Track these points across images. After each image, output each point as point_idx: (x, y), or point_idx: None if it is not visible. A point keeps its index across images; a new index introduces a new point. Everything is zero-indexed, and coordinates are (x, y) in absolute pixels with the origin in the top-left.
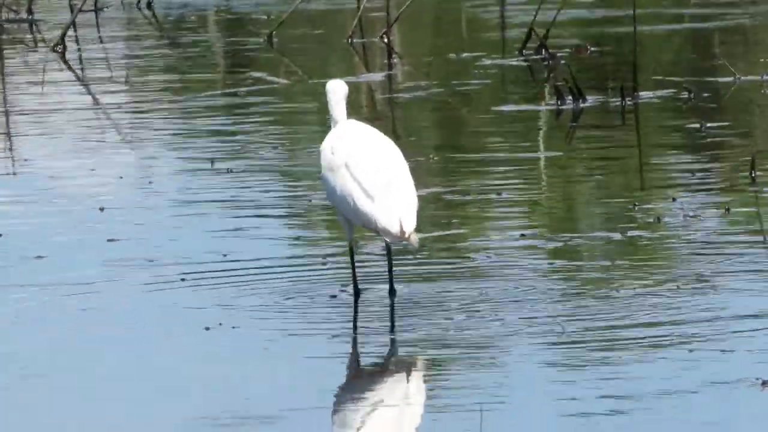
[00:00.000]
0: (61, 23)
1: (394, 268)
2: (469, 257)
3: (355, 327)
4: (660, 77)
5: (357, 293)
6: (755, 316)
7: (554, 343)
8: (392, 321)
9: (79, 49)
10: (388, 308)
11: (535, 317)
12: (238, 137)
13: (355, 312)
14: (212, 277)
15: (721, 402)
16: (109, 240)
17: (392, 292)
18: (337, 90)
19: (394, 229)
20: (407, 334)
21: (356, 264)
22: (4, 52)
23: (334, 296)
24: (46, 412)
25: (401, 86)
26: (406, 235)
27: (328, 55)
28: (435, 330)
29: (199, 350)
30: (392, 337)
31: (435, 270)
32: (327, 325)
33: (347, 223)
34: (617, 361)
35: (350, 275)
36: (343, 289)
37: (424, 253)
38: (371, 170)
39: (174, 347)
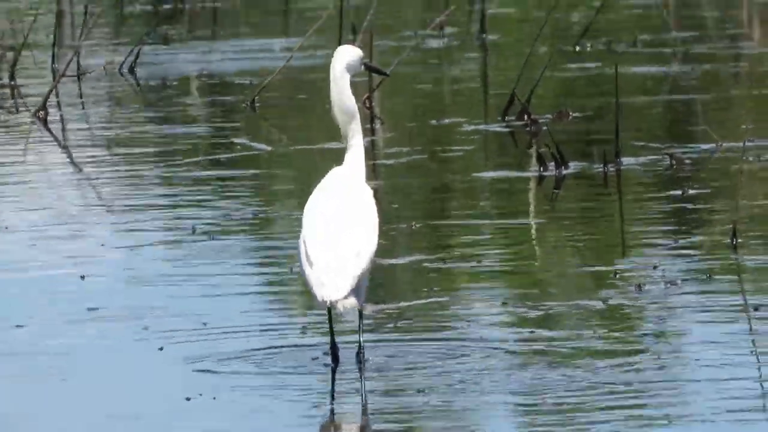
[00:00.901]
0: (44, 88)
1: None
2: (449, 326)
3: (332, 396)
4: (642, 143)
5: (335, 356)
6: (735, 387)
7: (535, 413)
8: (363, 393)
9: (61, 115)
10: (361, 375)
11: (516, 386)
12: (219, 203)
13: (333, 380)
14: (192, 346)
15: None
16: (89, 309)
17: (359, 354)
18: (338, 58)
19: (318, 295)
20: (383, 403)
21: (336, 325)
22: None
23: (315, 358)
24: None
25: (383, 152)
26: (328, 303)
27: (311, 120)
28: (413, 399)
29: (180, 421)
30: (366, 406)
31: (415, 337)
32: (305, 395)
33: None
34: (599, 430)
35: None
36: (327, 353)
37: (406, 321)
38: (318, 233)
39: (154, 418)
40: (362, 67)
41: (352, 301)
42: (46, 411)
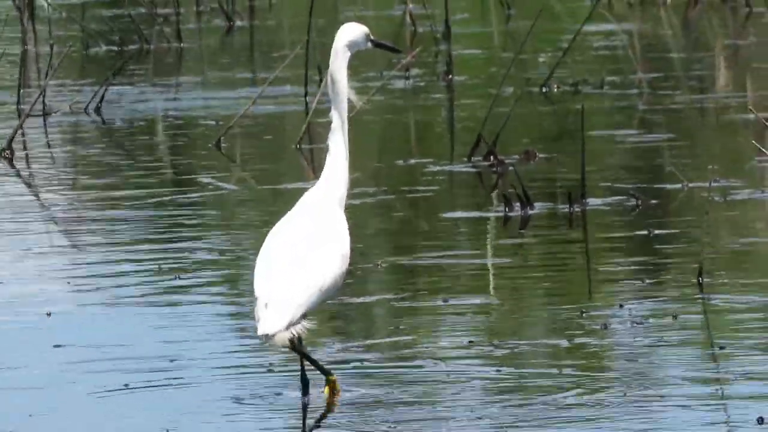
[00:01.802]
0: (9, 128)
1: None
2: (416, 364)
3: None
4: (608, 184)
5: (305, 385)
6: (702, 425)
7: None
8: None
9: (26, 154)
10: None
11: (483, 422)
12: (185, 244)
13: (304, 417)
14: (159, 384)
15: None
16: (55, 346)
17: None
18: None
19: (258, 330)
20: None
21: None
22: None
23: (279, 394)
24: None
25: (349, 192)
26: (264, 339)
27: (277, 161)
28: None
29: None
30: None
31: (382, 375)
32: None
33: None
34: None
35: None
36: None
37: (371, 359)
38: (266, 264)
39: None
40: (369, 44)
41: (288, 334)
42: None
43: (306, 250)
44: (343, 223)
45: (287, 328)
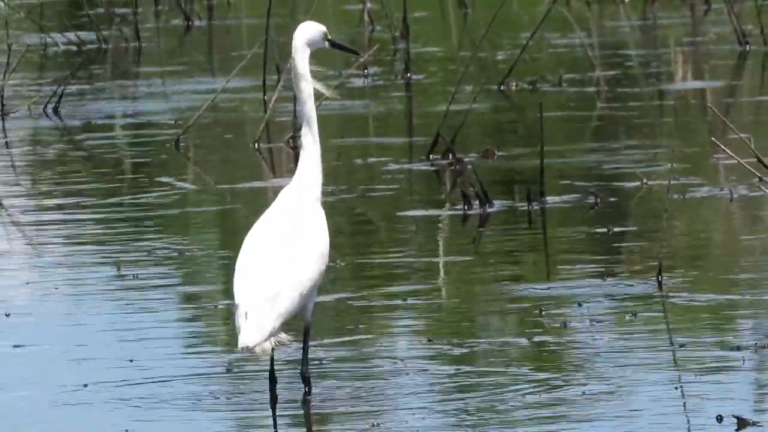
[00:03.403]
0: None
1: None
2: (374, 363)
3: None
4: (567, 181)
5: (272, 383)
6: (661, 423)
7: None
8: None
9: None
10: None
11: (440, 422)
12: (144, 243)
13: (274, 413)
14: (119, 384)
15: None
16: (14, 346)
17: (302, 375)
18: (299, 36)
19: (237, 341)
20: None
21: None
22: None
23: (237, 394)
24: None
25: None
26: (244, 350)
27: (236, 160)
28: None
29: None
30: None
31: (341, 374)
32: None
33: None
34: None
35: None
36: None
37: (330, 359)
38: (243, 272)
39: None
40: (326, 43)
41: (268, 345)
42: None
43: (284, 253)
44: (321, 219)
45: (267, 338)
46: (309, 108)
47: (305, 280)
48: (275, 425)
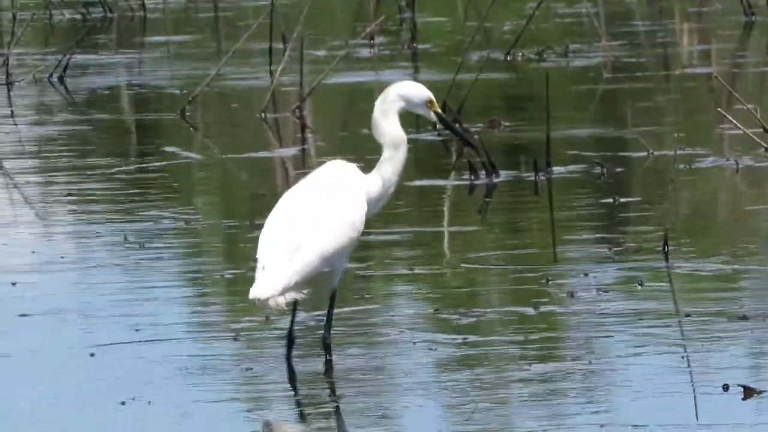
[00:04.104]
0: None
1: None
2: (381, 332)
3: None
4: (573, 152)
5: (290, 343)
6: (667, 392)
7: (465, 419)
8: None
9: None
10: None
11: (447, 391)
12: (150, 212)
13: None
14: (124, 353)
15: None
16: (20, 315)
17: (324, 341)
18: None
19: (250, 292)
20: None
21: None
22: None
23: (249, 369)
24: None
25: (314, 161)
26: (256, 302)
27: (241, 129)
28: (343, 404)
29: (114, 426)
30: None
31: (348, 344)
32: (239, 396)
33: None
34: None
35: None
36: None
37: (336, 328)
38: (269, 228)
39: (88, 423)
40: (431, 114)
41: (282, 300)
42: None
43: (314, 214)
44: (359, 194)
45: (282, 293)
46: (399, 158)
47: (329, 242)
48: (294, 386)
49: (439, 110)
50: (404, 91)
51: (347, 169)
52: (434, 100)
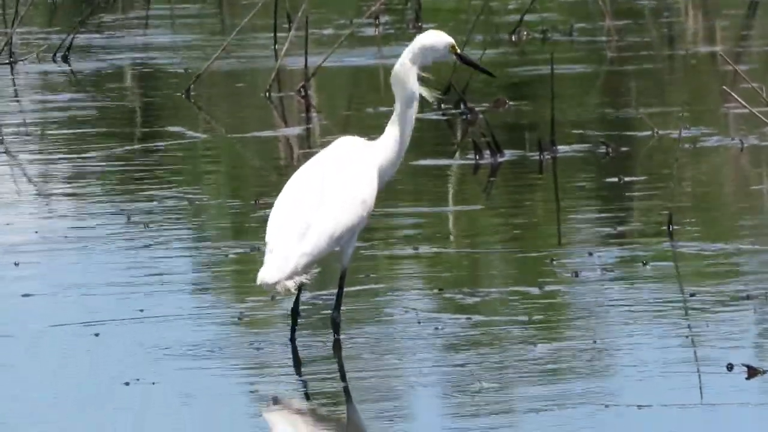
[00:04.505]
0: None
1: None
2: (386, 313)
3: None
4: (578, 131)
5: (294, 318)
6: (672, 372)
7: (471, 396)
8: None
9: None
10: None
11: (452, 369)
12: (154, 192)
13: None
14: (128, 334)
15: None
16: (23, 295)
17: (333, 320)
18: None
19: (258, 277)
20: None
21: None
22: None
23: (259, 348)
24: None
25: (319, 140)
26: (264, 286)
27: (246, 109)
28: (352, 382)
29: (119, 406)
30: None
31: (352, 323)
32: (244, 375)
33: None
34: (532, 417)
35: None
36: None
37: (343, 307)
38: (278, 210)
39: (93, 403)
40: (453, 57)
41: (291, 283)
42: None
43: (321, 195)
44: (370, 170)
45: (290, 277)
46: (405, 107)
47: (338, 223)
48: (300, 365)
49: (458, 51)
50: (428, 41)
51: (357, 144)
52: (455, 44)
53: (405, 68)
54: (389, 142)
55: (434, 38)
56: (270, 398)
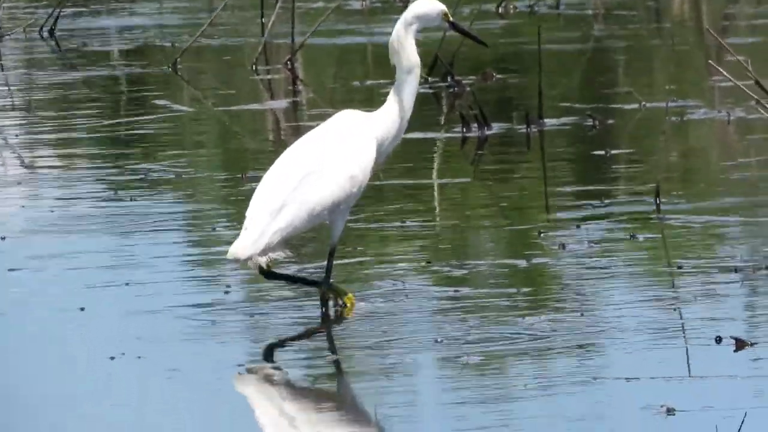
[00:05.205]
0: None
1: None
2: (375, 284)
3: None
4: (566, 104)
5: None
6: (659, 345)
7: (460, 368)
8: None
9: None
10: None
11: (440, 342)
12: (140, 165)
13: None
14: (115, 305)
15: (624, 430)
16: (10, 270)
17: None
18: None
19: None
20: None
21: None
22: None
23: (227, 292)
24: None
25: (306, 113)
26: (235, 260)
27: (233, 82)
28: (337, 356)
29: (105, 380)
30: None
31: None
32: (225, 355)
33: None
34: (520, 390)
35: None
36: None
37: (331, 280)
38: (262, 185)
39: (78, 377)
40: (446, 25)
41: (264, 259)
42: None
43: (304, 171)
44: (363, 146)
45: (263, 253)
46: (402, 80)
47: (316, 199)
48: (286, 339)
49: (451, 19)
50: (420, 9)
51: (356, 117)
52: (447, 11)
53: (400, 37)
54: (389, 114)
55: (427, 6)
56: (256, 374)
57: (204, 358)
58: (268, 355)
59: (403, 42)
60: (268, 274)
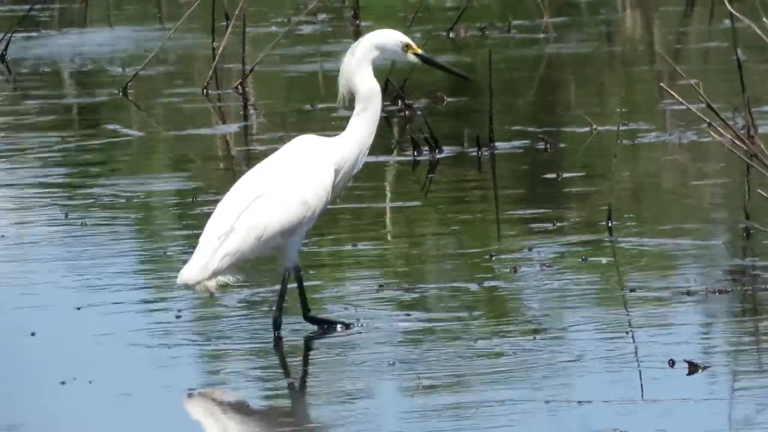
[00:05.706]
0: None
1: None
2: (326, 308)
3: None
4: (517, 127)
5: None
6: (612, 368)
7: (410, 393)
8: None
9: None
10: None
11: (393, 366)
12: (92, 189)
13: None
14: (66, 330)
15: None
16: None
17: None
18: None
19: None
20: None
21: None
22: None
23: (179, 316)
24: None
25: (256, 137)
26: (184, 286)
27: (184, 107)
28: (291, 380)
29: (55, 406)
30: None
31: (291, 320)
32: (176, 379)
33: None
34: (473, 413)
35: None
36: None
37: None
38: (218, 208)
39: (27, 404)
40: (410, 56)
41: (212, 284)
42: None
43: (255, 194)
44: (318, 171)
45: (211, 277)
46: (362, 108)
47: (269, 223)
48: (241, 364)
49: (419, 51)
50: (378, 39)
51: (314, 143)
52: (411, 43)
53: (350, 67)
54: (348, 140)
55: (383, 37)
56: (208, 395)
57: (156, 382)
58: (220, 379)
59: (355, 71)
60: (309, 318)
